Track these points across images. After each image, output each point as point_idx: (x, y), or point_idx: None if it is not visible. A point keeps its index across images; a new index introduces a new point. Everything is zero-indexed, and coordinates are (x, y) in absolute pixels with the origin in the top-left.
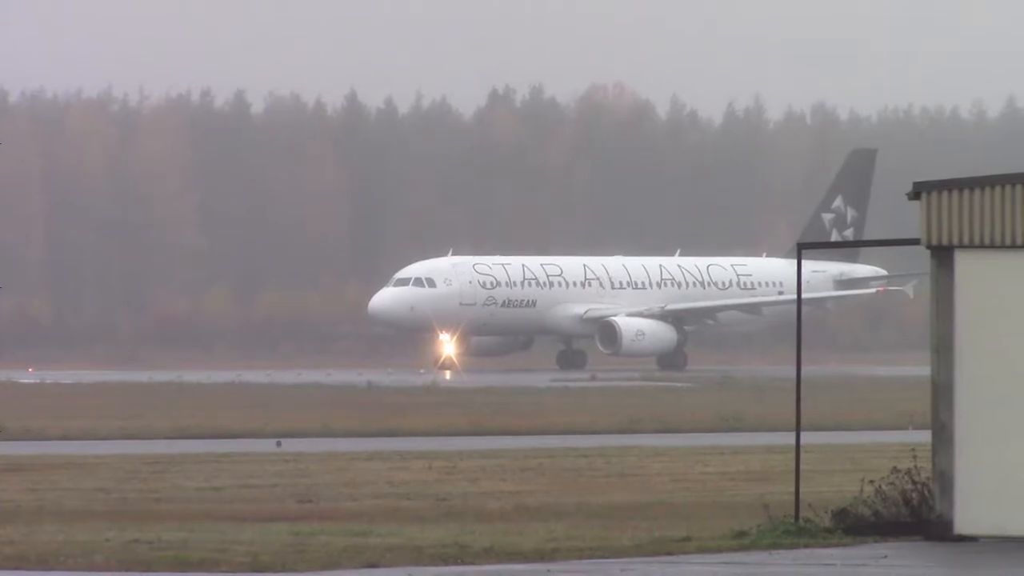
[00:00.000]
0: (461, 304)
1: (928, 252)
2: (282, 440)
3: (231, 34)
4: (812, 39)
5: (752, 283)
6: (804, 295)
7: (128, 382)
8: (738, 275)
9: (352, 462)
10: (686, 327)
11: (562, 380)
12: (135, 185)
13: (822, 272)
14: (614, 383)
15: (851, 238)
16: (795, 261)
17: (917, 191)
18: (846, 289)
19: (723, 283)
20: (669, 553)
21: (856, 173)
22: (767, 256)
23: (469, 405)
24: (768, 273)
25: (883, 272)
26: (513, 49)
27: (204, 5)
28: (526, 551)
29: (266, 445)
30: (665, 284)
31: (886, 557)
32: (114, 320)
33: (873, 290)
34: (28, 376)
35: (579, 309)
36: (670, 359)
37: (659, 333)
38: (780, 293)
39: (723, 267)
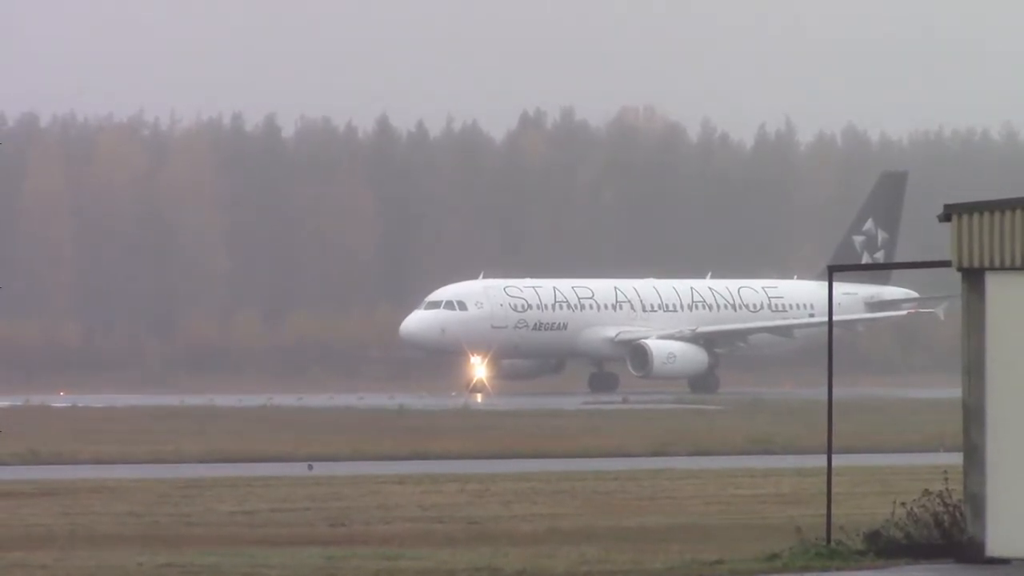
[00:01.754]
0: (492, 327)
1: (959, 274)
2: (314, 463)
3: (262, 58)
4: (842, 62)
5: (783, 305)
6: (835, 317)
7: (159, 406)
8: (769, 297)
9: (384, 485)
10: (717, 349)
11: (594, 403)
12: (165, 209)
13: (853, 294)
14: (646, 406)
15: (882, 260)
16: (826, 283)
17: (948, 213)
18: (877, 311)
19: (754, 305)
20: None
21: (887, 196)
22: (798, 278)
23: (501, 428)
24: (799, 295)
25: (914, 294)
26: (544, 72)
27: (235, 29)
28: (558, 574)
29: (298, 468)
30: (696, 306)
31: None
32: (144, 344)
33: (904, 312)
34: (59, 400)
35: (610, 332)
36: (701, 381)
37: (690, 355)
38: (811, 315)
39: (754, 289)
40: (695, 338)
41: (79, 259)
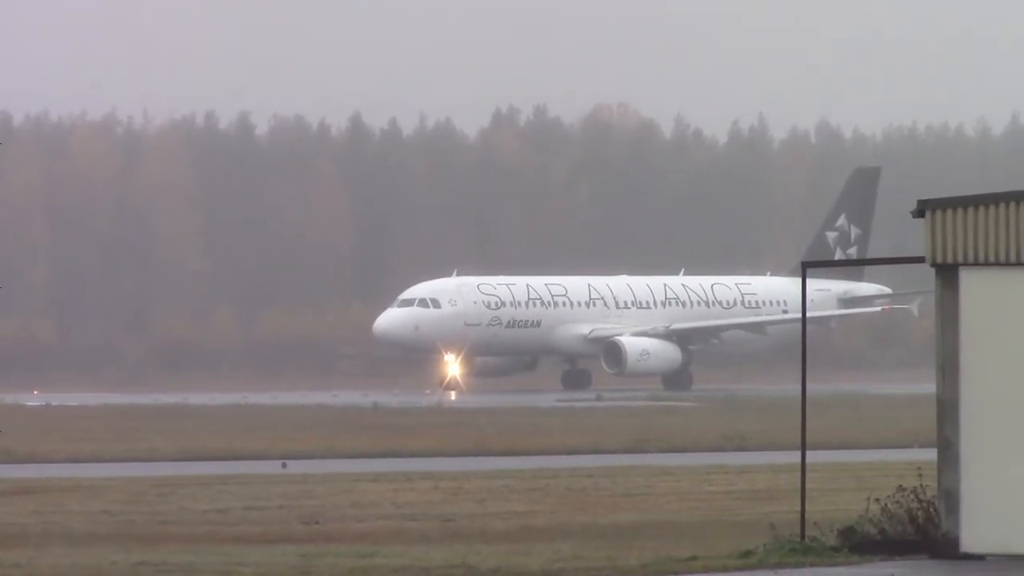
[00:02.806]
0: (466, 324)
1: (933, 270)
2: (288, 461)
3: (235, 56)
4: (816, 57)
5: (756, 302)
6: (808, 313)
7: (133, 404)
8: (742, 294)
9: (358, 483)
10: (691, 346)
11: (568, 400)
12: (140, 207)
13: (826, 291)
14: (619, 403)
15: (855, 256)
16: (799, 280)
17: (921, 209)
18: (850, 307)
19: (727, 302)
20: (675, 572)
21: (859, 191)
22: (771, 275)
23: (475, 426)
24: (772, 292)
25: (887, 290)
26: (517, 69)
27: (208, 27)
28: (533, 571)
29: (272, 467)
30: (670, 303)
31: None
32: (119, 342)
33: (877, 308)
34: (34, 399)
35: (584, 329)
36: (675, 378)
37: (664, 352)
38: (784, 312)
39: (727, 286)
40: (668, 335)
41: (54, 257)
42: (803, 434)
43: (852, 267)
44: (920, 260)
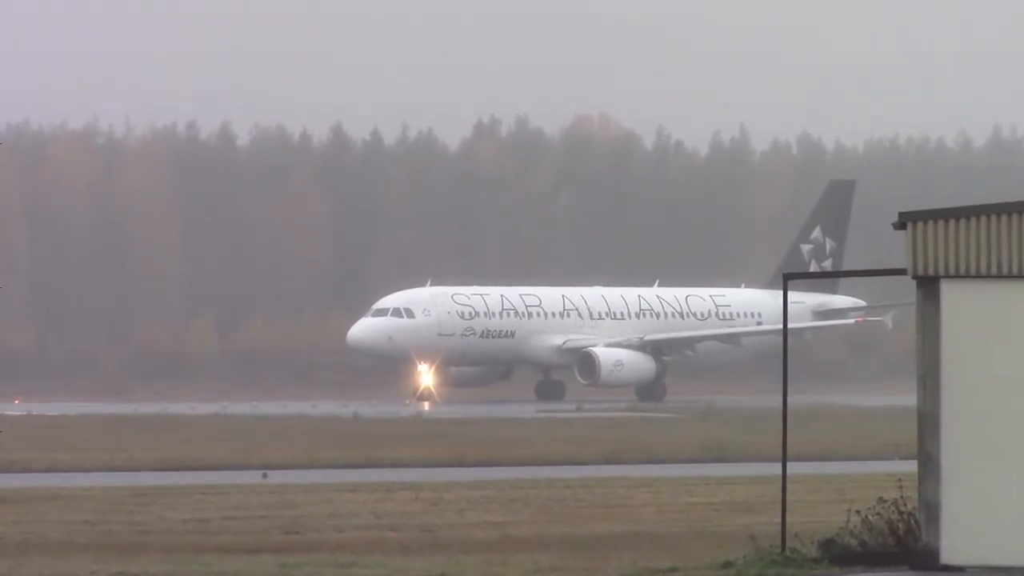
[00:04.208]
0: (440, 334)
1: (910, 282)
2: (268, 471)
3: (216, 66)
4: (797, 70)
5: (731, 313)
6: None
7: (113, 414)
8: (717, 305)
9: (337, 493)
10: (665, 357)
11: (547, 411)
12: (120, 217)
13: (801, 303)
14: (598, 414)
15: (829, 269)
16: (774, 291)
17: (903, 221)
18: (825, 320)
19: (702, 313)
20: None
21: (834, 204)
22: (745, 287)
23: (454, 436)
24: (747, 303)
25: (862, 303)
26: (499, 80)
27: (189, 38)
28: None
29: (251, 476)
30: (644, 314)
31: None
32: (98, 351)
33: (851, 321)
34: (14, 408)
35: (558, 339)
36: (649, 389)
37: (638, 363)
38: (759, 323)
39: (702, 297)
40: (643, 346)
41: (33, 267)
42: (784, 445)
43: (827, 280)
44: (901, 272)
